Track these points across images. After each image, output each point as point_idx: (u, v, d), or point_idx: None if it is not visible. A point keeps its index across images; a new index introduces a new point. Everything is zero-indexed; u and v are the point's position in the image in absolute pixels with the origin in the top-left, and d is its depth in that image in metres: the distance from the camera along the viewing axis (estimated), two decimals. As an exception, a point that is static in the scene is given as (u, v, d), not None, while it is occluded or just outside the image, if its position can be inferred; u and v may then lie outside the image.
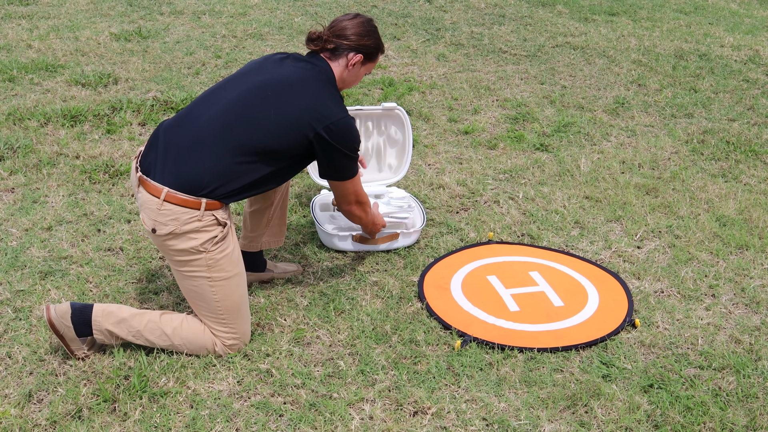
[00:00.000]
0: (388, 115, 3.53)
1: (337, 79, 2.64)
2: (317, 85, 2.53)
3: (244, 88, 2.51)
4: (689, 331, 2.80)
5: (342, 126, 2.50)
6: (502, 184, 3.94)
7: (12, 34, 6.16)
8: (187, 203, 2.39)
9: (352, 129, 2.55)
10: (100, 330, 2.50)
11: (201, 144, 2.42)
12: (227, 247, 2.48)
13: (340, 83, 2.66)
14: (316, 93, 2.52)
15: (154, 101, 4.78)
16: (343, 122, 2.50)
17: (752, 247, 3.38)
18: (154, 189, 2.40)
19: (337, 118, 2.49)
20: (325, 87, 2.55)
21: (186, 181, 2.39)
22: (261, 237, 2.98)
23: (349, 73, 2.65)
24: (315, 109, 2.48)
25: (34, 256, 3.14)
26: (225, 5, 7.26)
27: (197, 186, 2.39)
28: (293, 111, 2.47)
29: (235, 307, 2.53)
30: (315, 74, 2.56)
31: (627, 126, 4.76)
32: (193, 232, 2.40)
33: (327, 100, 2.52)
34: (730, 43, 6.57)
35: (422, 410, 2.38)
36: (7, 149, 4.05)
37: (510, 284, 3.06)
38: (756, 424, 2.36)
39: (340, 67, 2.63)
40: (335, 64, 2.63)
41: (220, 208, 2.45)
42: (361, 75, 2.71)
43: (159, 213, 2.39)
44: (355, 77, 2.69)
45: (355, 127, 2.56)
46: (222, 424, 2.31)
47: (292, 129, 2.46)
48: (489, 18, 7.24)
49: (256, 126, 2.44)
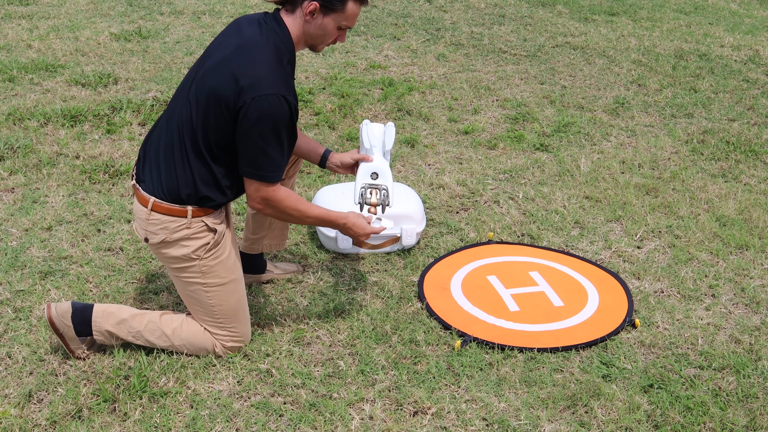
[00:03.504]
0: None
1: (295, 36, 2.32)
2: (253, 52, 2.22)
3: (195, 80, 2.32)
4: (689, 331, 2.80)
5: (265, 103, 2.17)
6: (502, 184, 3.94)
7: (12, 34, 6.16)
8: (174, 212, 2.36)
9: (282, 107, 2.19)
10: (99, 331, 2.50)
11: (169, 151, 2.35)
12: (222, 254, 2.45)
13: (303, 40, 2.34)
14: (248, 62, 2.21)
15: (154, 101, 4.79)
16: (267, 99, 2.16)
17: (752, 247, 3.38)
18: (142, 198, 2.39)
19: (261, 93, 2.16)
20: (262, 53, 2.23)
21: (167, 190, 2.35)
22: (262, 240, 2.95)
23: (310, 26, 2.30)
24: (239, 80, 2.17)
25: (34, 256, 3.14)
26: (225, 5, 7.26)
27: (177, 195, 2.35)
28: (218, 84, 2.20)
29: (232, 311, 2.52)
30: (258, 39, 2.25)
31: (627, 126, 4.76)
32: (184, 239, 2.38)
33: (257, 69, 2.19)
34: (730, 43, 6.58)
35: (422, 410, 2.38)
36: (7, 149, 4.05)
37: (510, 284, 3.06)
38: (756, 424, 2.36)
39: (296, 22, 2.30)
40: (291, 19, 2.30)
41: (209, 214, 2.41)
42: (330, 28, 2.31)
43: (148, 222, 2.38)
44: (320, 31, 2.31)
45: (283, 108, 2.20)
46: (222, 424, 2.31)
47: (222, 111, 2.22)
48: (489, 18, 7.24)
49: (202, 121, 2.28)
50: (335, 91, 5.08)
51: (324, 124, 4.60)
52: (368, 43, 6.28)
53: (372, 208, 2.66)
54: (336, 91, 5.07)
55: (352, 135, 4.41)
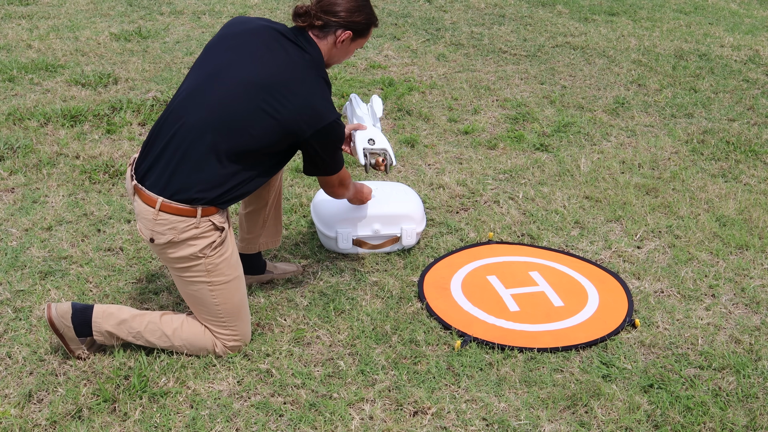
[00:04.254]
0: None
1: (325, 58, 2.50)
2: (310, 80, 2.40)
3: (230, 83, 2.36)
4: (689, 331, 2.80)
5: (331, 129, 2.41)
6: (502, 184, 3.94)
7: (12, 34, 6.16)
8: (183, 212, 2.35)
9: (340, 128, 2.46)
10: (100, 331, 2.50)
11: (186, 150, 2.34)
12: (226, 251, 2.46)
13: (328, 61, 2.52)
14: (310, 91, 2.39)
15: (154, 101, 4.79)
16: (333, 125, 2.41)
17: (752, 247, 3.38)
18: (148, 199, 2.36)
19: (327, 121, 2.39)
20: (317, 82, 2.42)
21: (178, 190, 2.34)
22: (258, 238, 2.95)
23: (338, 51, 2.50)
24: (306, 111, 2.37)
25: (34, 256, 3.14)
26: (225, 5, 7.26)
27: (188, 195, 2.34)
28: (285, 114, 2.36)
29: (235, 309, 2.53)
30: (306, 63, 2.41)
31: (627, 126, 4.76)
32: (192, 239, 2.38)
33: (319, 99, 2.40)
34: (730, 43, 6.57)
35: (422, 410, 2.38)
36: (7, 149, 4.05)
37: (510, 284, 3.06)
38: (756, 424, 2.36)
39: (327, 45, 2.48)
40: (323, 43, 2.47)
41: (216, 213, 2.41)
42: (352, 51, 2.56)
43: (156, 223, 2.36)
44: (344, 54, 2.54)
45: (342, 125, 2.48)
46: (222, 424, 2.31)
47: (282, 131, 2.37)
48: (489, 18, 7.24)
49: (242, 129, 2.34)
50: (335, 91, 5.08)
51: (324, 124, 4.60)
52: (368, 43, 6.28)
53: (380, 166, 2.88)
54: (336, 91, 5.07)
55: (352, 135, 4.41)
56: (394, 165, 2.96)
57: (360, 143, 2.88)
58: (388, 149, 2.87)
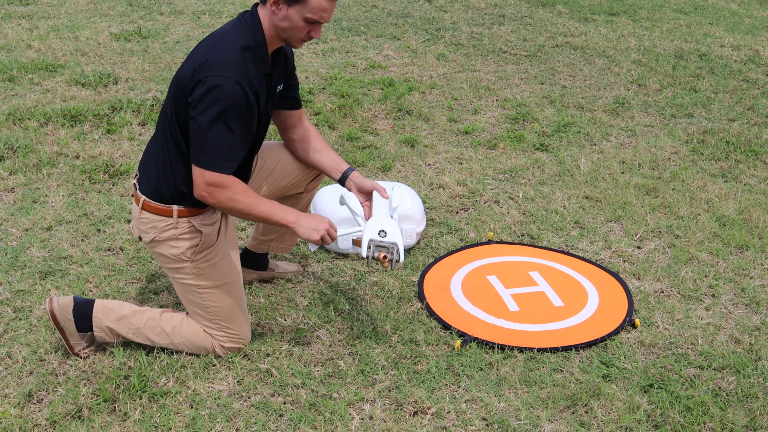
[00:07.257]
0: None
1: (267, 30, 2.30)
2: (222, 45, 2.23)
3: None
4: (689, 331, 2.80)
5: (217, 87, 2.15)
6: (502, 184, 3.94)
7: (12, 34, 6.16)
8: (161, 211, 2.38)
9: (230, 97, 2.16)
10: (100, 327, 2.50)
11: (155, 148, 2.40)
12: (214, 257, 2.45)
13: (275, 33, 2.31)
14: (213, 51, 2.21)
15: (154, 101, 4.79)
16: (217, 80, 2.15)
17: (752, 247, 3.38)
18: (136, 197, 2.43)
19: (212, 74, 2.15)
20: (223, 41, 2.24)
21: (154, 189, 2.38)
22: (271, 242, 2.93)
23: (279, 19, 2.27)
24: (197, 62, 2.20)
25: (34, 256, 3.14)
26: (225, 5, 7.26)
27: (159, 192, 2.37)
28: (181, 70, 2.25)
29: (227, 313, 2.52)
30: (226, 34, 2.27)
31: (627, 126, 4.76)
32: (172, 239, 2.40)
33: (216, 57, 2.18)
34: (730, 43, 6.57)
35: (422, 410, 2.38)
36: (7, 149, 4.05)
37: (510, 284, 3.06)
38: (756, 424, 2.36)
39: (266, 15, 2.29)
40: (263, 12, 2.30)
41: (197, 215, 2.40)
42: (296, 20, 2.26)
43: (140, 221, 2.42)
44: (287, 23, 2.27)
45: (235, 93, 2.17)
46: (222, 424, 2.31)
47: (176, 87, 2.25)
48: (489, 18, 7.24)
49: (174, 113, 2.30)
50: (335, 91, 5.08)
51: (324, 124, 4.60)
52: (368, 43, 6.29)
53: (383, 262, 2.51)
54: (336, 91, 5.07)
55: (352, 135, 4.41)
56: (401, 262, 2.63)
57: (369, 233, 2.52)
58: (398, 244, 2.51)
